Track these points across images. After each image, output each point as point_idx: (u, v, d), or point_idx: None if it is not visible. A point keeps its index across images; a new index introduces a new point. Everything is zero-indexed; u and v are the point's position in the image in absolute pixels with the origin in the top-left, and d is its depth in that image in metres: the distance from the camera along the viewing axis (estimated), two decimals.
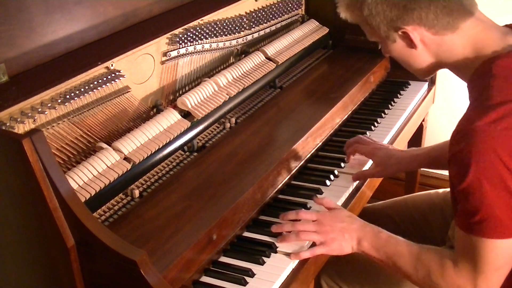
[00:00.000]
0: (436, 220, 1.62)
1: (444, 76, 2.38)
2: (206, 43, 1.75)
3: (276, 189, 1.51)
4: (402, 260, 1.25)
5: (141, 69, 1.56)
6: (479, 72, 1.18)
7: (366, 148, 1.63)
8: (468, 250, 1.15)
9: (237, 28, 1.87)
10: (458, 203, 1.15)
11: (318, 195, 1.51)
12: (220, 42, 1.81)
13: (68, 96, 1.35)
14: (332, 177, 1.59)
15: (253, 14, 1.97)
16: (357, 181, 1.61)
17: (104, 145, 1.38)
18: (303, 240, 1.33)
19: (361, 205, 1.63)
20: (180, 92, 1.71)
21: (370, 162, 1.67)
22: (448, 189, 1.67)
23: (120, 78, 1.47)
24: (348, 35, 2.23)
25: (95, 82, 1.41)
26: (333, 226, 1.32)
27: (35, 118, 1.28)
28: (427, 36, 1.21)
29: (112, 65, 1.46)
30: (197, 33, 1.70)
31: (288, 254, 1.31)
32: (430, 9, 1.17)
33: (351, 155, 1.66)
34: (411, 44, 1.22)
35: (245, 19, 1.92)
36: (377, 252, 1.28)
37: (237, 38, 1.89)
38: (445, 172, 2.72)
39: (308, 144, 1.65)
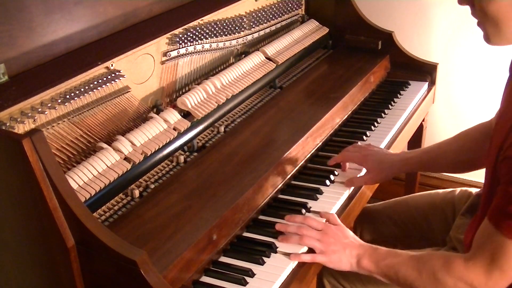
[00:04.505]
0: (437, 220, 1.62)
1: (445, 75, 2.38)
2: (206, 43, 1.75)
3: (276, 189, 1.51)
4: (404, 267, 1.25)
5: (141, 69, 1.56)
6: None
7: (357, 156, 1.61)
8: (490, 244, 1.12)
9: (237, 28, 1.87)
10: (497, 197, 1.12)
11: (325, 211, 1.47)
12: (220, 42, 1.81)
13: (68, 96, 1.35)
14: (332, 177, 1.59)
15: (253, 14, 1.97)
16: None
17: (104, 145, 1.38)
18: (305, 245, 1.33)
19: (361, 205, 1.63)
20: (180, 92, 1.71)
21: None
22: (448, 189, 1.67)
23: (120, 78, 1.47)
24: (348, 35, 2.23)
25: (95, 82, 1.41)
26: (337, 239, 1.33)
27: (35, 118, 1.28)
28: None
29: (112, 65, 1.46)
30: (197, 33, 1.70)
31: (288, 255, 1.31)
32: None
33: (337, 162, 1.63)
34: None
35: (245, 19, 1.92)
36: (376, 266, 1.28)
37: (237, 38, 1.89)
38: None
39: (308, 144, 1.65)
